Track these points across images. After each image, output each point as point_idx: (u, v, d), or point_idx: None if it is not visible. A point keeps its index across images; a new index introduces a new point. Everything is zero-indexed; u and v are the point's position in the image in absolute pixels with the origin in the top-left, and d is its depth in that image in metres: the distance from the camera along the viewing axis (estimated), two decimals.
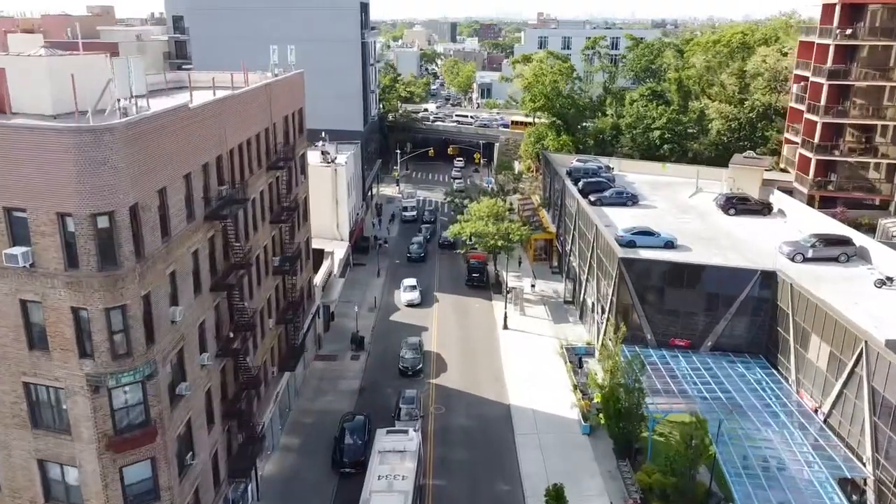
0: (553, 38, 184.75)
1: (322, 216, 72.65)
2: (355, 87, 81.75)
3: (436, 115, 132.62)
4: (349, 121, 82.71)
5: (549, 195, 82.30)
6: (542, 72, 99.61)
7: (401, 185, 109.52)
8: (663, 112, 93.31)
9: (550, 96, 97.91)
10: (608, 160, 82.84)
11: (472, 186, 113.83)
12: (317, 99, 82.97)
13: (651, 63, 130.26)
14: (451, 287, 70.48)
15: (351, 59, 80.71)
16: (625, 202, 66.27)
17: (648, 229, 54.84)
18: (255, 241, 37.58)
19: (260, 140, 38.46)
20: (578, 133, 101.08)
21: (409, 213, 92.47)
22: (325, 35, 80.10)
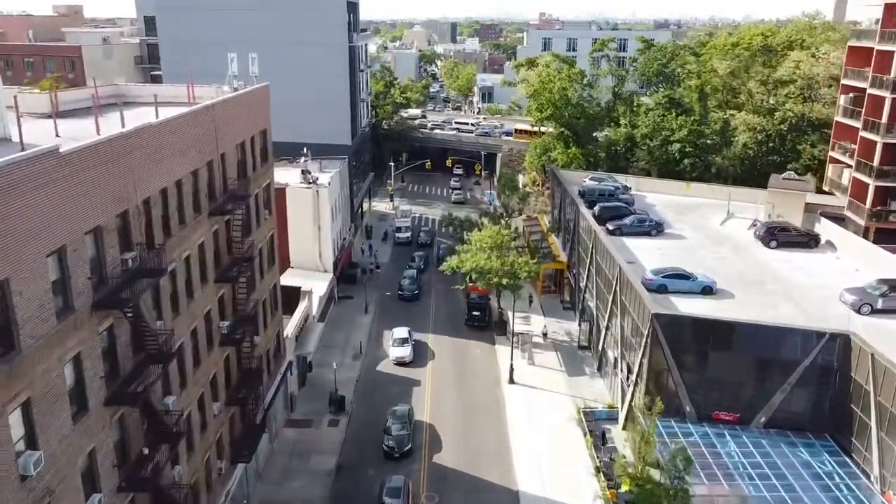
0: (557, 39, 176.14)
1: (302, 245, 64.15)
2: (342, 96, 73.10)
3: (434, 123, 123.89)
4: (335, 134, 74.03)
5: (559, 217, 73.60)
6: (548, 78, 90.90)
7: (395, 200, 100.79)
8: (683, 123, 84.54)
9: (559, 105, 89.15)
10: (624, 178, 74.13)
11: (471, 200, 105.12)
12: (298, 110, 74.46)
13: (664, 67, 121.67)
14: (449, 327, 61.76)
15: (337, 64, 72.06)
16: (648, 231, 57.61)
17: (682, 271, 46.13)
18: (189, 311, 28.91)
19: (199, 179, 29.79)
20: (589, 145, 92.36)
21: (403, 234, 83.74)
22: (308, 38, 71.44)
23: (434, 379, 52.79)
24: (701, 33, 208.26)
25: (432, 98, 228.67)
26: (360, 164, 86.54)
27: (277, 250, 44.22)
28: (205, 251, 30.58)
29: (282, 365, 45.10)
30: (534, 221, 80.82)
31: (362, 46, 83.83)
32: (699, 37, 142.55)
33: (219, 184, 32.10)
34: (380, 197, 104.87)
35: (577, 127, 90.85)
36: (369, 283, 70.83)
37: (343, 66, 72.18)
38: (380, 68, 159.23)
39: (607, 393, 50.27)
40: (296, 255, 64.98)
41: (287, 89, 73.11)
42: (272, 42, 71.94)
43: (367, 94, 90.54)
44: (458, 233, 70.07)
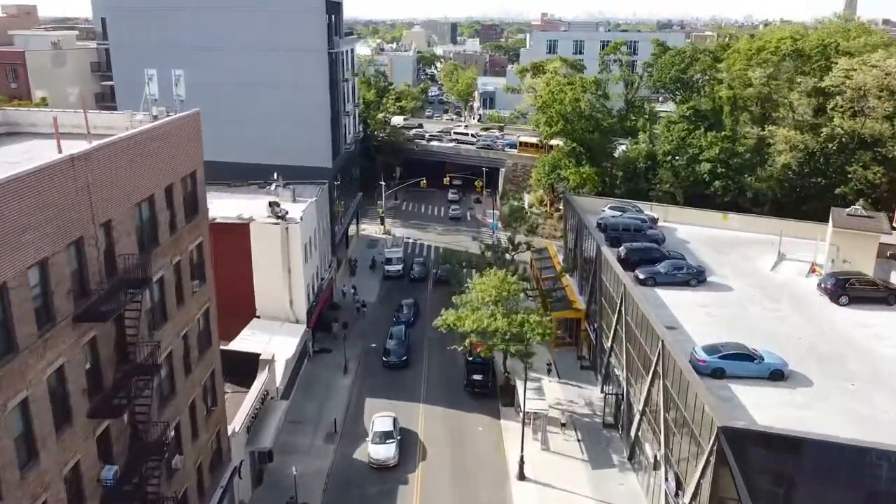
0: (563, 41, 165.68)
1: (269, 291, 53.81)
2: (320, 111, 62.70)
3: (432, 135, 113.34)
4: (313, 155, 63.63)
5: (574, 253, 63.13)
6: (558, 88, 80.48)
7: (386, 223, 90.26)
8: (714, 140, 74.06)
9: (570, 118, 78.70)
10: (650, 208, 63.62)
11: (470, 221, 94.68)
12: (268, 127, 63.95)
13: (682, 73, 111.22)
14: (444, 394, 51.24)
15: (314, 74, 61.64)
16: (687, 280, 47.21)
17: (743, 350, 35.69)
18: (36, 477, 18.52)
19: (52, 270, 19.39)
20: (604, 162, 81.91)
21: (394, 266, 73.21)
22: (279, 43, 61.06)
23: (425, 472, 42.30)
24: (711, 34, 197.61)
25: (431, 103, 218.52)
26: (346, 182, 76.27)
27: (214, 329, 33.66)
28: (65, 379, 20.14)
29: (224, 473, 34.67)
30: (544, 254, 70.30)
31: (347, 52, 73.47)
32: (718, 39, 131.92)
33: (97, 270, 21.67)
34: (370, 217, 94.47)
35: (591, 142, 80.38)
36: (355, 322, 60.66)
37: (321, 75, 61.76)
38: (374, 73, 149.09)
39: (643, 496, 39.84)
40: (263, 302, 54.64)
41: (255, 103, 63.01)
42: (237, 48, 61.72)
43: (355, 105, 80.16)
44: (455, 274, 59.57)
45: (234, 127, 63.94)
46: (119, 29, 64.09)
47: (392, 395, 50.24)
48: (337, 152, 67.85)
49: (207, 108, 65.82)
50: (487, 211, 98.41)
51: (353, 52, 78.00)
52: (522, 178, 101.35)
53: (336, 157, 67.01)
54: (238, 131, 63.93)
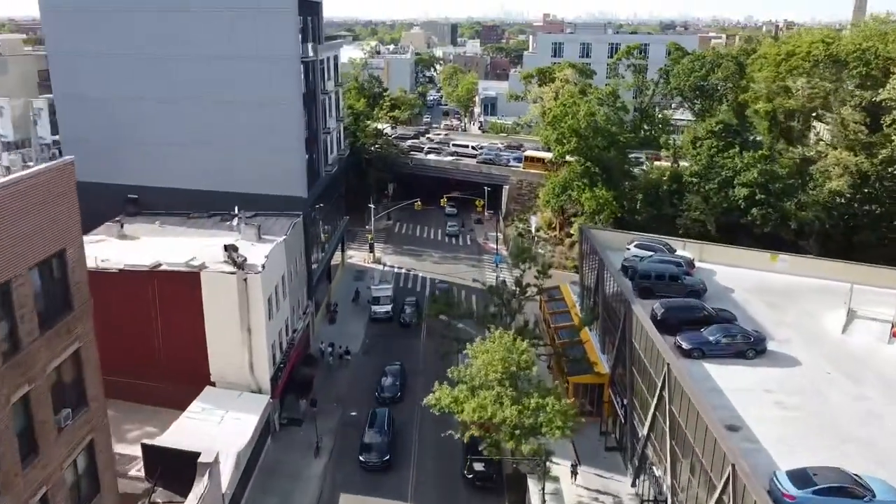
0: (569, 44, 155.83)
1: (225, 354, 44.22)
2: (291, 130, 52.86)
3: (430, 147, 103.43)
4: (284, 182, 53.89)
5: (594, 298, 53.31)
6: (571, 100, 70.77)
7: (376, 250, 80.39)
8: (752, 160, 64.29)
9: (585, 134, 68.95)
10: (682, 246, 53.74)
11: (470, 245, 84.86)
12: (230, 150, 54.37)
13: (703, 80, 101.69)
14: (438, 490, 41.30)
15: (284, 87, 51.84)
16: (744, 351, 37.55)
17: (845, 480, 25.94)
18: None
19: None
20: (622, 183, 72.18)
21: (382, 307, 63.36)
22: (242, 50, 51.35)
23: None
24: (719, 37, 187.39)
25: (430, 107, 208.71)
26: (329, 207, 66.64)
27: (108, 462, 23.93)
28: None
29: None
30: (555, 295, 60.45)
31: (328, 59, 63.72)
32: (739, 43, 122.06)
33: None
34: (359, 241, 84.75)
35: (607, 160, 70.62)
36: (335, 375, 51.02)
37: (293, 88, 51.94)
38: (368, 78, 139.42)
39: None
40: (218, 367, 44.92)
41: (215, 121, 53.28)
42: (192, 56, 52.00)
43: (339, 120, 70.38)
44: (451, 331, 49.78)
45: (192, 149, 54.38)
46: (56, 34, 54.36)
47: (373, 491, 40.45)
48: (315, 178, 58.08)
49: (159, 127, 55.76)
50: (489, 234, 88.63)
51: (335, 60, 68.28)
52: (528, 196, 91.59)
53: (313, 183, 57.24)
54: (196, 154, 54.33)
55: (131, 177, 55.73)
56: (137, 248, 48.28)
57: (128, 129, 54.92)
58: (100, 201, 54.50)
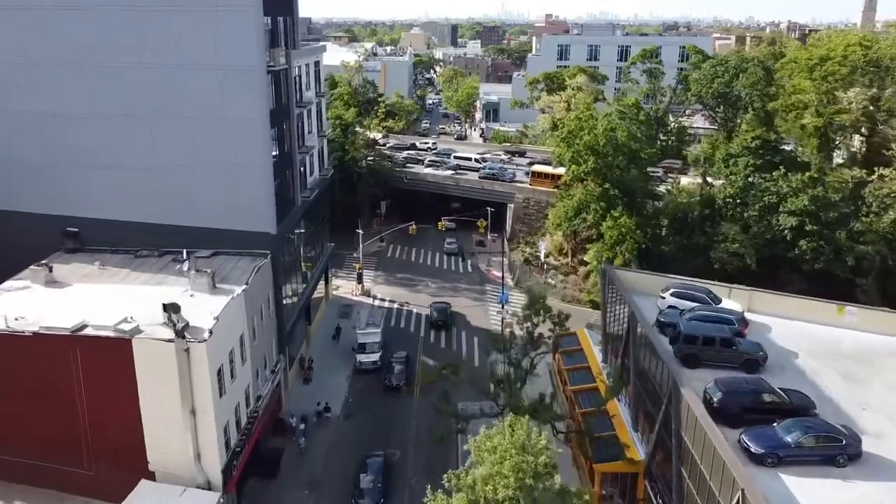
0: (576, 47, 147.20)
1: (165, 438, 35.29)
2: (256, 154, 43.79)
3: (430, 160, 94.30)
4: (247, 215, 44.93)
5: (622, 356, 44.21)
6: (587, 113, 61.81)
7: (365, 281, 71.30)
8: (800, 184, 55.33)
9: (605, 151, 59.99)
10: (728, 294, 44.59)
11: (472, 272, 75.81)
12: (184, 177, 45.47)
13: (727, 86, 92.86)
14: None
15: (246, 102, 42.80)
16: (832, 456, 28.59)
17: None
18: None
19: None
20: (645, 208, 63.24)
21: (370, 356, 54.23)
22: (196, 59, 42.43)
23: None
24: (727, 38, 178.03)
25: (429, 112, 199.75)
26: (310, 235, 57.85)
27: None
28: None
29: None
30: (572, 343, 51.37)
31: (307, 66, 54.74)
32: (762, 46, 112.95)
33: None
34: (347, 268, 75.74)
35: (628, 181, 61.64)
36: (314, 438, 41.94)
37: (257, 103, 42.88)
38: (362, 83, 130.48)
39: None
40: (157, 456, 36.08)
41: (165, 142, 44.39)
42: (138, 65, 43.09)
43: (322, 136, 61.38)
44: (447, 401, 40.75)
45: (140, 174, 45.48)
46: None
47: None
48: (287, 208, 49.06)
49: (102, 148, 44.46)
50: (493, 259, 79.54)
51: (317, 66, 59.33)
52: (536, 216, 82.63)
53: (285, 215, 48.21)
54: (145, 180, 45.43)
55: (70, 207, 46.85)
56: (65, 300, 39.50)
57: (65, 150, 46.02)
58: (31, 236, 45.95)
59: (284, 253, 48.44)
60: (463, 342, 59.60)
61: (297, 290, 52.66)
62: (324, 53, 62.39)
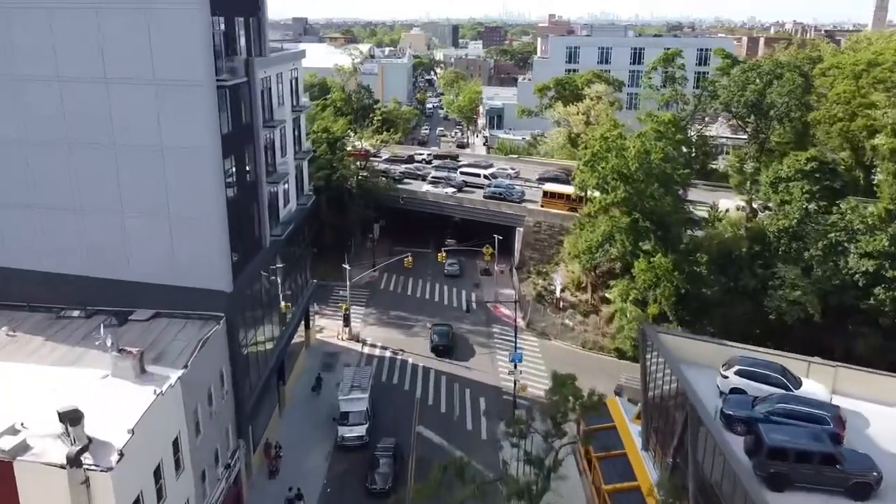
0: (586, 49, 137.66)
1: None
2: (205, 191, 34.23)
3: (434, 177, 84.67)
4: (195, 269, 35.41)
5: (674, 456, 34.45)
6: (614, 131, 52.28)
7: (353, 322, 61.59)
8: (876, 220, 45.76)
9: (637, 178, 50.45)
10: (804, 367, 34.95)
11: (477, 311, 66.18)
12: (116, 220, 35.98)
13: (761, 95, 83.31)
14: None
15: (190, 126, 33.25)
16: None
17: None
18: None
19: None
20: (681, 242, 53.72)
21: (353, 428, 44.47)
22: (127, 71, 32.92)
23: None
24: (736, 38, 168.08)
25: (429, 116, 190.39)
26: (290, 271, 48.57)
27: None
28: None
29: None
30: (602, 422, 41.61)
31: (278, 77, 45.15)
32: (796, 49, 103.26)
33: None
34: (334, 303, 66.29)
35: (663, 211, 52.09)
36: None
37: (204, 129, 33.29)
38: (356, 88, 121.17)
39: None
40: None
41: (92, 174, 34.95)
42: (44, 78, 33.51)
43: (301, 156, 51.77)
44: None
45: (59, 216, 35.94)
46: None
47: None
48: (250, 255, 39.48)
49: (15, 181, 33.91)
50: (500, 291, 69.99)
51: (295, 75, 49.81)
52: (548, 242, 73.09)
53: (248, 263, 38.69)
54: (66, 224, 35.89)
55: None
56: None
57: None
58: None
59: (245, 311, 38.93)
60: (467, 404, 50.05)
61: (265, 352, 43.15)
62: (303, 59, 52.74)
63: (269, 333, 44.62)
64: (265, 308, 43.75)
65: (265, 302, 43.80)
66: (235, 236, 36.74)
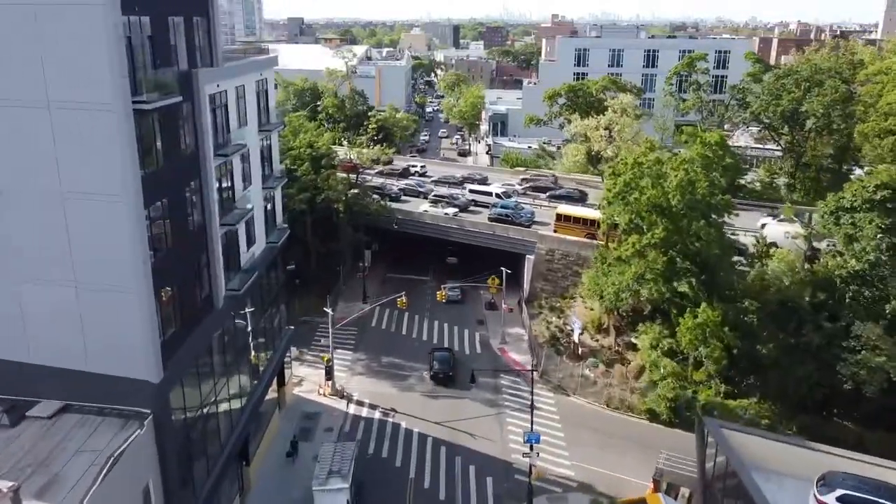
0: (596, 51, 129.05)
1: None
2: (117, 254, 25.52)
3: (437, 195, 75.95)
4: (108, 354, 26.53)
5: None
6: (654, 160, 43.48)
7: (337, 378, 52.46)
8: None
9: (678, 211, 41.65)
10: None
11: (483, 353, 57.35)
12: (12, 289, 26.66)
13: (799, 104, 75.08)
14: None
15: (95, 167, 24.53)
16: None
17: None
18: None
19: None
20: (729, 288, 44.88)
21: None
22: (8, 92, 24.05)
23: None
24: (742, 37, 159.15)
25: (429, 121, 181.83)
26: (261, 320, 39.92)
27: None
28: None
29: None
30: None
31: (238, 90, 36.39)
32: (822, 52, 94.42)
33: None
34: (317, 347, 57.64)
35: (708, 250, 43.22)
36: None
37: (117, 171, 24.54)
38: (349, 94, 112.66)
39: None
40: None
41: None
42: None
43: (270, 186, 42.87)
44: None
45: None
46: None
47: None
48: (190, 328, 30.63)
49: None
50: (509, 332, 61.17)
51: (264, 87, 41.04)
52: (563, 273, 64.33)
53: (185, 341, 29.86)
54: None
55: None
56: None
57: None
58: None
59: (188, 397, 30.12)
60: (471, 486, 41.22)
61: (220, 435, 34.37)
62: (274, 66, 43.96)
63: (227, 410, 35.90)
64: (221, 378, 35.03)
65: (220, 371, 35.08)
66: (171, 305, 28.00)
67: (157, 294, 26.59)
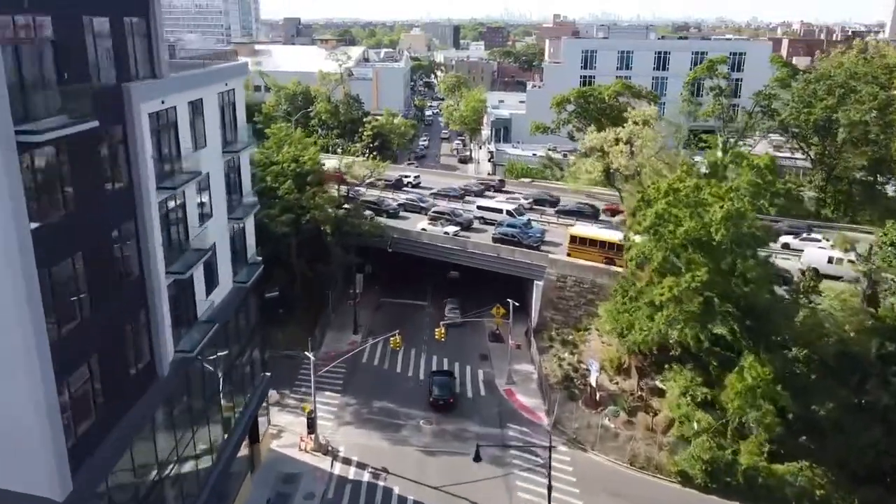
0: (604, 53, 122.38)
1: None
2: (6, 336, 19.13)
3: (437, 211, 69.54)
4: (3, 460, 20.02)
5: None
6: (693, 186, 37.02)
7: (320, 432, 45.81)
8: None
9: (720, 247, 35.14)
10: None
11: (488, 395, 50.87)
12: None
13: (833, 112, 68.87)
14: None
15: None
16: None
17: None
18: None
19: None
20: (778, 333, 38.42)
21: None
22: None
23: None
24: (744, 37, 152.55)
25: (428, 124, 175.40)
26: (233, 369, 33.53)
27: None
28: None
29: None
30: None
31: (192, 107, 29.96)
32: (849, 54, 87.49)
33: None
34: (300, 387, 51.25)
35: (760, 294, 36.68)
36: None
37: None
38: (343, 98, 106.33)
39: None
40: None
41: None
42: None
43: (237, 217, 36.39)
44: None
45: None
46: None
47: None
48: (119, 412, 24.13)
49: None
50: (516, 370, 54.66)
51: (230, 99, 34.61)
52: (576, 302, 57.86)
53: (109, 431, 23.36)
54: None
55: None
56: None
57: None
58: None
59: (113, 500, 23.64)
60: None
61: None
62: (244, 77, 37.51)
63: (179, 486, 29.42)
64: (170, 454, 28.58)
65: (167, 447, 28.61)
66: (86, 389, 21.51)
67: (61, 381, 20.10)
